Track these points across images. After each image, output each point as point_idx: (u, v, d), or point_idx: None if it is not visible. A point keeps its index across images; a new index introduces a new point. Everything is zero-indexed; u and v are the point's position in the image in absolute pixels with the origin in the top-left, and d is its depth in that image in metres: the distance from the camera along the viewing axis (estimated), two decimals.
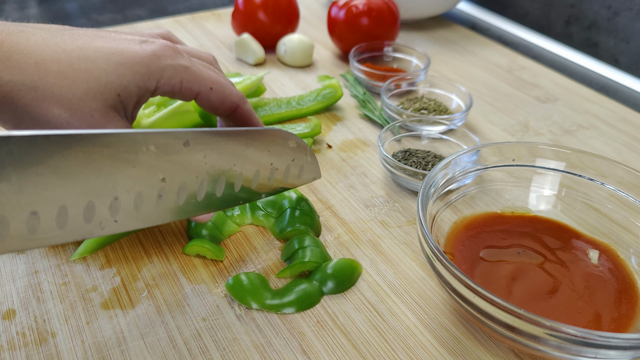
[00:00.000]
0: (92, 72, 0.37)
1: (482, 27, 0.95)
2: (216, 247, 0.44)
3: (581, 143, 0.63)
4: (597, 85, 0.77)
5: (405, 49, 0.75)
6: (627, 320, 0.38)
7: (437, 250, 0.36)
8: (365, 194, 0.52)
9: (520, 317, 0.32)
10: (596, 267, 0.42)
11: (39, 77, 0.36)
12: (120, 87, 0.38)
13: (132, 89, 0.39)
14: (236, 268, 0.44)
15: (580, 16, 0.85)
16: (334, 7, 0.77)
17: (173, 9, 0.96)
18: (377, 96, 0.70)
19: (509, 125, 0.65)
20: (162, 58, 0.40)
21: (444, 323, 0.40)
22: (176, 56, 0.41)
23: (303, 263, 0.42)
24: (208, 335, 0.38)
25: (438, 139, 0.58)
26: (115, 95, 0.38)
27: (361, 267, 0.44)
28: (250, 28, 0.77)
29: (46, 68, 0.37)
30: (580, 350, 0.32)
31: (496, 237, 0.44)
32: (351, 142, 0.60)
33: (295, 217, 0.46)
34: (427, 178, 0.42)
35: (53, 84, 0.36)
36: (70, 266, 0.43)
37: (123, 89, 0.38)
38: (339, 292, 0.42)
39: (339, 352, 0.37)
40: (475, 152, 0.46)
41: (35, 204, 0.30)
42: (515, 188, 0.48)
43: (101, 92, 0.37)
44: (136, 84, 0.39)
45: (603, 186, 0.45)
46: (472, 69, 0.78)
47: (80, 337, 0.38)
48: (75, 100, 0.37)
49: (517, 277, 0.40)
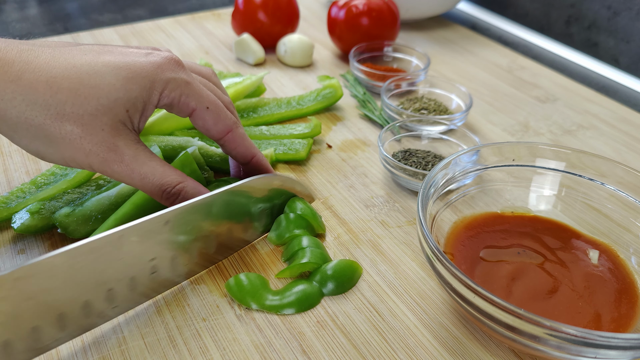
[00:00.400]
0: (102, 88, 0.38)
1: (482, 27, 0.95)
2: None
3: (581, 143, 0.63)
4: (597, 85, 0.77)
5: (405, 49, 0.75)
6: (627, 320, 0.38)
7: (437, 250, 0.36)
8: (365, 194, 0.52)
9: (520, 317, 0.32)
10: (596, 267, 0.42)
11: (51, 96, 0.37)
12: (128, 102, 0.39)
13: (138, 103, 0.40)
14: (236, 268, 0.44)
15: (580, 16, 0.85)
16: (334, 7, 0.77)
17: (173, 9, 0.95)
18: (377, 96, 0.70)
19: (509, 125, 0.65)
20: (167, 71, 0.41)
21: (444, 323, 0.40)
22: (179, 70, 0.42)
23: (303, 264, 0.42)
24: (208, 335, 0.38)
25: (438, 139, 0.58)
26: (124, 110, 0.39)
27: (361, 269, 0.44)
28: (250, 28, 0.77)
29: (58, 86, 0.37)
30: (580, 350, 0.32)
31: (496, 237, 0.44)
32: (351, 142, 0.60)
33: (291, 222, 0.46)
34: (427, 178, 0.42)
35: (65, 101, 0.37)
36: None
37: (131, 105, 0.39)
38: (339, 293, 0.42)
39: (339, 352, 0.37)
40: (475, 152, 0.46)
41: (34, 321, 0.33)
42: (515, 188, 0.48)
43: (111, 108, 0.38)
44: (142, 99, 0.40)
45: (603, 186, 0.45)
46: (472, 69, 0.78)
47: (81, 337, 0.38)
48: (87, 116, 0.38)
49: (517, 277, 0.40)
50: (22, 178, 0.52)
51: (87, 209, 0.45)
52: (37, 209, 0.45)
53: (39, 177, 0.49)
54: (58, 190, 0.48)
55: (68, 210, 0.44)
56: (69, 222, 0.44)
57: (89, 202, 0.46)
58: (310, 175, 0.55)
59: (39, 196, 0.47)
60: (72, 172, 0.49)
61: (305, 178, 0.54)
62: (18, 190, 0.48)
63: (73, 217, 0.44)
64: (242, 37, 0.75)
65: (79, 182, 0.49)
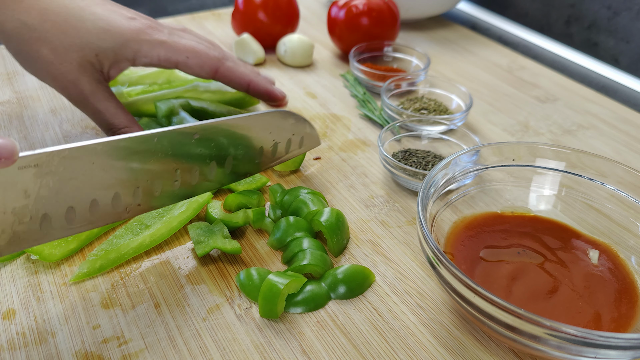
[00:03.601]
0: (79, 30, 0.46)
1: (482, 27, 0.95)
2: (233, 242, 0.44)
3: (581, 143, 0.63)
4: (597, 85, 0.77)
5: (405, 49, 0.75)
6: (627, 320, 0.38)
7: (437, 250, 0.36)
8: (365, 194, 0.52)
9: (520, 317, 0.32)
10: (596, 267, 0.42)
11: (39, 22, 0.45)
12: (99, 49, 0.46)
13: (108, 52, 0.47)
14: (236, 268, 0.44)
15: (580, 16, 0.85)
16: (334, 7, 0.77)
17: (173, 9, 0.95)
18: (377, 96, 0.70)
19: (509, 125, 0.65)
20: (142, 34, 0.48)
21: (444, 323, 0.40)
22: (154, 33, 0.48)
23: (302, 266, 0.42)
24: (208, 335, 0.38)
25: (438, 139, 0.58)
26: (94, 54, 0.46)
27: (374, 276, 0.43)
28: (250, 28, 0.77)
29: (47, 17, 0.45)
30: (580, 350, 0.32)
31: (496, 237, 0.44)
32: (351, 142, 0.60)
33: (291, 225, 0.45)
34: (427, 178, 0.42)
35: (48, 30, 0.45)
36: (71, 266, 0.43)
37: (101, 51, 0.47)
38: (348, 298, 0.41)
39: (339, 352, 0.37)
40: (475, 152, 0.46)
41: (71, 201, 0.37)
42: (515, 188, 0.48)
43: (82, 48, 0.46)
44: (112, 49, 0.47)
45: (603, 186, 0.45)
46: (472, 69, 0.78)
47: (80, 337, 0.38)
48: (61, 48, 0.46)
49: (517, 277, 0.40)
50: None
51: None
52: None
53: None
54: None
55: None
56: (42, 247, 0.42)
57: None
58: (310, 175, 0.55)
59: None
60: None
61: (305, 178, 0.54)
62: None
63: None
64: (242, 37, 0.75)
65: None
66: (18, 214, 0.35)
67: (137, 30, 0.48)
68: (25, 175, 0.34)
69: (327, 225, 0.44)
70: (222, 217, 0.47)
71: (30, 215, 0.35)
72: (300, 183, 0.53)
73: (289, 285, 0.39)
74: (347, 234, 0.46)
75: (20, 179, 0.34)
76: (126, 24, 0.47)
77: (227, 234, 0.45)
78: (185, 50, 0.49)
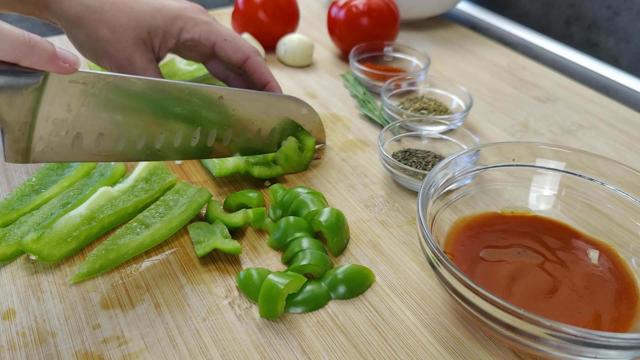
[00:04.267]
0: (135, 10, 0.50)
1: (482, 27, 0.95)
2: (233, 242, 0.44)
3: (581, 143, 0.63)
4: (597, 85, 0.77)
5: (405, 49, 0.75)
6: (627, 320, 0.38)
7: (437, 250, 0.36)
8: (365, 194, 0.52)
9: (520, 317, 0.32)
10: (596, 267, 0.42)
11: (100, 4, 0.49)
12: (151, 27, 0.50)
13: (159, 30, 0.51)
14: (236, 268, 0.44)
15: (580, 16, 0.85)
16: (334, 7, 0.77)
17: None
18: (377, 96, 0.70)
19: (509, 125, 0.65)
20: (189, 12, 0.52)
21: (444, 323, 0.40)
22: (200, 13, 0.53)
23: (302, 266, 0.42)
24: (208, 335, 0.38)
25: (438, 139, 0.58)
26: (146, 32, 0.50)
27: (374, 276, 0.43)
28: (250, 28, 0.77)
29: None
30: (580, 350, 0.32)
31: (496, 237, 0.44)
32: (351, 142, 0.60)
33: (290, 225, 0.45)
34: (427, 178, 0.42)
35: (107, 11, 0.49)
36: (71, 266, 0.43)
37: (153, 29, 0.50)
38: (347, 298, 0.41)
39: (339, 352, 0.37)
40: (475, 152, 0.46)
41: (103, 128, 0.41)
42: (515, 188, 0.48)
43: (137, 26, 0.50)
44: (162, 27, 0.51)
45: (603, 186, 0.45)
46: (472, 69, 0.78)
47: (80, 337, 0.38)
48: (118, 26, 0.49)
49: (517, 277, 0.40)
50: (22, 178, 0.52)
51: (57, 231, 0.43)
52: (1, 235, 0.43)
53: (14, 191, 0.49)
54: (21, 214, 0.47)
55: (36, 235, 0.42)
56: (41, 247, 0.42)
57: (57, 223, 0.43)
58: (310, 175, 0.55)
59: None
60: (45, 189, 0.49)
61: (305, 178, 0.54)
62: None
63: (43, 241, 0.42)
64: (242, 37, 0.75)
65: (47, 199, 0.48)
66: (57, 125, 0.39)
67: (185, 9, 0.52)
68: (73, 90, 0.38)
69: (327, 225, 0.44)
70: (222, 217, 0.47)
71: (66, 130, 0.39)
72: (300, 183, 0.53)
73: (289, 285, 0.39)
74: (347, 234, 0.46)
75: (67, 92, 0.38)
76: (176, 4, 0.52)
77: (227, 234, 0.45)
78: (224, 34, 0.53)
